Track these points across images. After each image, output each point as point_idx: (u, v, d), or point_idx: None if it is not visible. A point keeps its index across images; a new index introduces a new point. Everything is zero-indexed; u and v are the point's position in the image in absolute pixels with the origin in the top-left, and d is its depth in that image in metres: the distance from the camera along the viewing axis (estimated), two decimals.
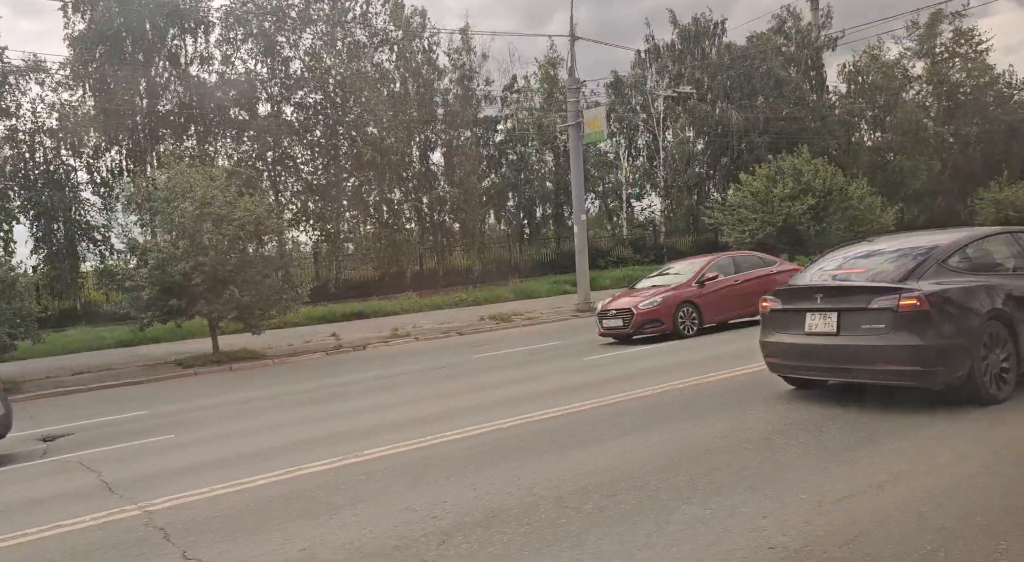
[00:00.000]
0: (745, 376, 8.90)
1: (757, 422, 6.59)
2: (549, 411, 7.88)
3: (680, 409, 7.40)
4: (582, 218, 22.16)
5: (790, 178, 26.87)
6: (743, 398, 7.58)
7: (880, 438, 5.75)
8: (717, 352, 11.56)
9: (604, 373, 10.55)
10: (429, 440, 7.12)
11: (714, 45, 42.39)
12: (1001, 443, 5.39)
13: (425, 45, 33.35)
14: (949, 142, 54.26)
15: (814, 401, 7.24)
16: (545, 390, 9.43)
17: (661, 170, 42.16)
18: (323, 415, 9.47)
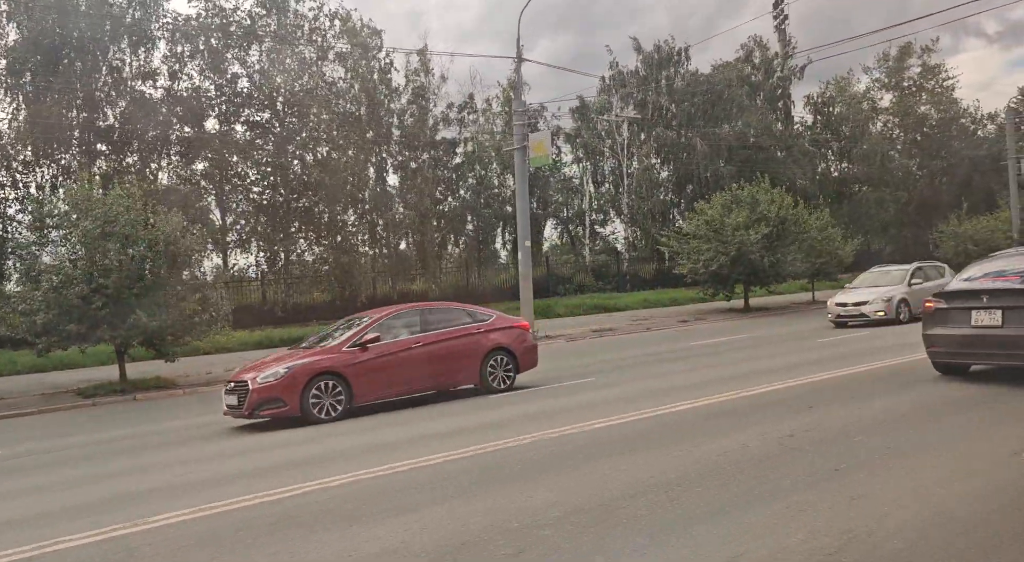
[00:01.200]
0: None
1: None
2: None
3: None
4: (526, 244, 21.45)
5: (746, 207, 26.43)
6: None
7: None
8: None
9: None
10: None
11: (678, 72, 42.26)
12: None
13: (380, 65, 32.79)
14: (915, 174, 54.66)
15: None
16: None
17: (625, 197, 41.76)
18: (170, 461, 8.41)
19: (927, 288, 18.70)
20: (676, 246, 28.14)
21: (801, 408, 7.78)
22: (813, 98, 50.42)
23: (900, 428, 6.53)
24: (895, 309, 18.95)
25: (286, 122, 29.20)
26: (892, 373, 10.15)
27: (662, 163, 44.12)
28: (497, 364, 11.66)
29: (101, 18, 24.50)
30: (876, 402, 7.91)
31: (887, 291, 19.39)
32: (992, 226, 36.46)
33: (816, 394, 8.69)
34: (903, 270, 20.81)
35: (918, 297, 18.50)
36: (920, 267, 21.08)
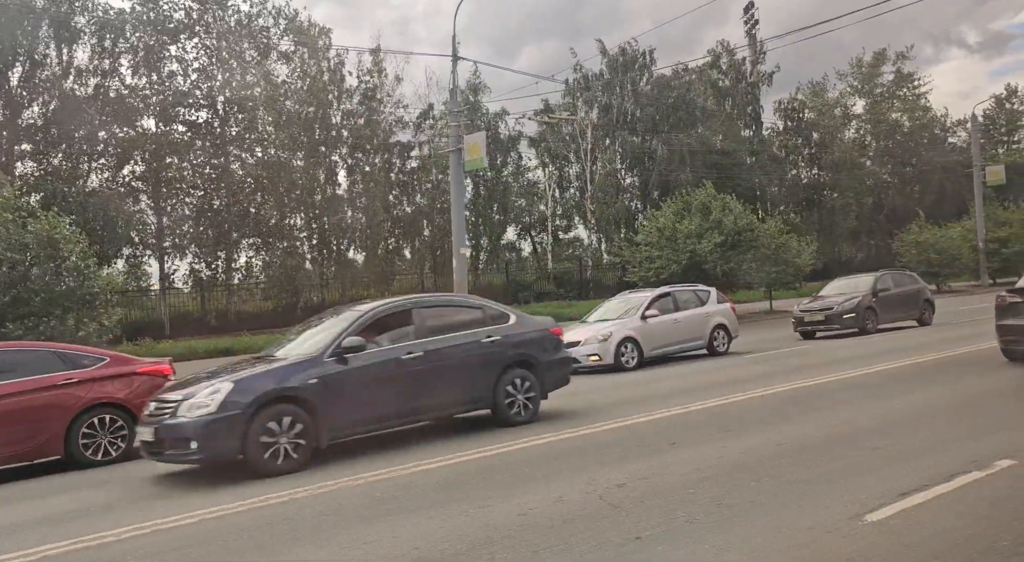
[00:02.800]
0: None
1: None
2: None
3: None
4: (462, 251, 20.44)
5: (698, 214, 25.57)
6: None
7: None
8: None
9: None
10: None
11: (641, 76, 41.42)
12: None
13: (330, 65, 31.74)
14: (886, 182, 54.14)
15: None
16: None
17: (589, 202, 40.85)
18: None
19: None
20: (628, 254, 27.25)
21: (661, 446, 6.77)
22: (783, 103, 49.73)
23: (753, 475, 5.55)
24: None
25: (227, 122, 28.06)
26: (795, 396, 9.14)
27: (627, 169, 43.29)
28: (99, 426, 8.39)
29: (20, 9, 23.26)
30: (751, 437, 6.87)
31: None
32: (958, 234, 35.85)
33: (687, 428, 7.67)
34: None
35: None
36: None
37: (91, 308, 14.32)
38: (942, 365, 11.16)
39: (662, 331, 14.45)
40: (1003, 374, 9.70)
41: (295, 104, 31.15)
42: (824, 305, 18.07)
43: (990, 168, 37.04)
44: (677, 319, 14.77)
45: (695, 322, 15.06)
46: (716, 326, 15.24)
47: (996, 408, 7.65)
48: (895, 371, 10.77)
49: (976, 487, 4.91)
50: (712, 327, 15.18)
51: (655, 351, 14.35)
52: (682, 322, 14.83)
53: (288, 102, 30.91)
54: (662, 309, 14.79)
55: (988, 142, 64.66)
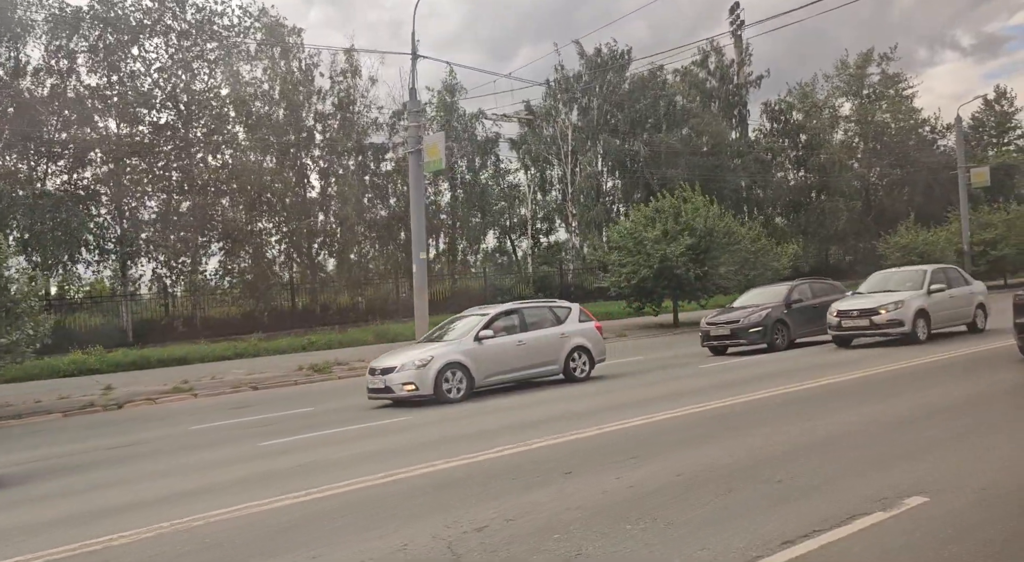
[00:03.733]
0: None
1: None
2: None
3: None
4: (422, 256, 19.74)
5: (669, 218, 24.95)
6: None
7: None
8: None
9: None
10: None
11: (620, 76, 40.82)
12: None
13: (302, 65, 31.12)
14: (874, 184, 53.59)
15: None
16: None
17: (570, 204, 40.25)
18: None
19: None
20: (603, 257, 26.65)
21: (554, 476, 6.10)
22: (771, 105, 49.13)
23: (624, 519, 4.89)
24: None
25: (192, 123, 27.39)
26: (659, 429, 8.11)
27: (610, 171, 42.72)
28: None
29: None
30: (593, 479, 5.97)
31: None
32: (944, 237, 35.28)
33: (580, 456, 6.95)
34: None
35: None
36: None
37: (15, 317, 13.61)
38: (859, 385, 10.18)
39: (501, 355, 12.51)
40: (924, 396, 8.85)
41: (265, 105, 30.53)
42: (730, 318, 16.12)
43: (975, 170, 36.50)
44: (522, 341, 12.79)
45: (547, 344, 13.10)
46: (575, 348, 13.28)
47: (912, 434, 6.91)
48: (801, 393, 9.81)
49: (875, 532, 4.26)
50: (570, 349, 13.23)
51: (491, 378, 12.48)
52: (529, 344, 12.85)
53: (258, 103, 30.30)
54: (507, 329, 12.88)
55: (978, 144, 64.29)
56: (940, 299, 15.18)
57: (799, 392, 9.96)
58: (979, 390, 9.09)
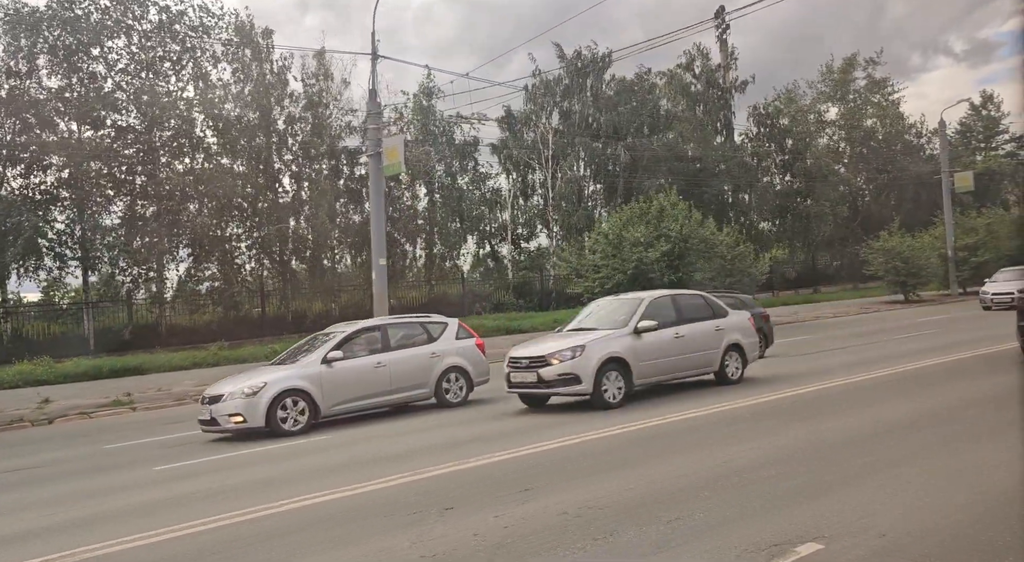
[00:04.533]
0: None
1: None
2: None
3: None
4: (381, 262, 19.16)
5: (652, 222, 24.41)
6: None
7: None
8: None
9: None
10: None
11: (600, 80, 40.33)
12: None
13: (273, 67, 30.54)
14: (861, 189, 53.17)
15: None
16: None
17: (551, 210, 39.71)
18: None
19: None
20: (575, 263, 26.09)
21: (406, 519, 5.46)
22: (757, 109, 48.65)
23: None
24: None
25: (156, 126, 26.74)
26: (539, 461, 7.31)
27: (592, 175, 42.19)
28: None
29: None
30: (521, 506, 5.42)
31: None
32: (927, 242, 34.78)
33: (444, 493, 6.22)
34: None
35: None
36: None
37: None
38: (726, 420, 8.98)
39: (355, 379, 11.15)
40: (809, 429, 7.94)
41: (236, 107, 29.93)
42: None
43: (958, 174, 36.04)
44: (382, 362, 11.41)
45: (415, 365, 11.73)
46: (449, 369, 11.99)
47: (806, 470, 6.30)
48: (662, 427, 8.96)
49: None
50: (443, 371, 11.91)
51: (343, 406, 11.08)
52: (392, 366, 11.48)
53: (228, 106, 29.71)
54: (368, 347, 11.56)
55: (966, 149, 63.99)
56: (654, 340, 11.01)
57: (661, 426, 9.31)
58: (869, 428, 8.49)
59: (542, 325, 29.80)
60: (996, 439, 6.67)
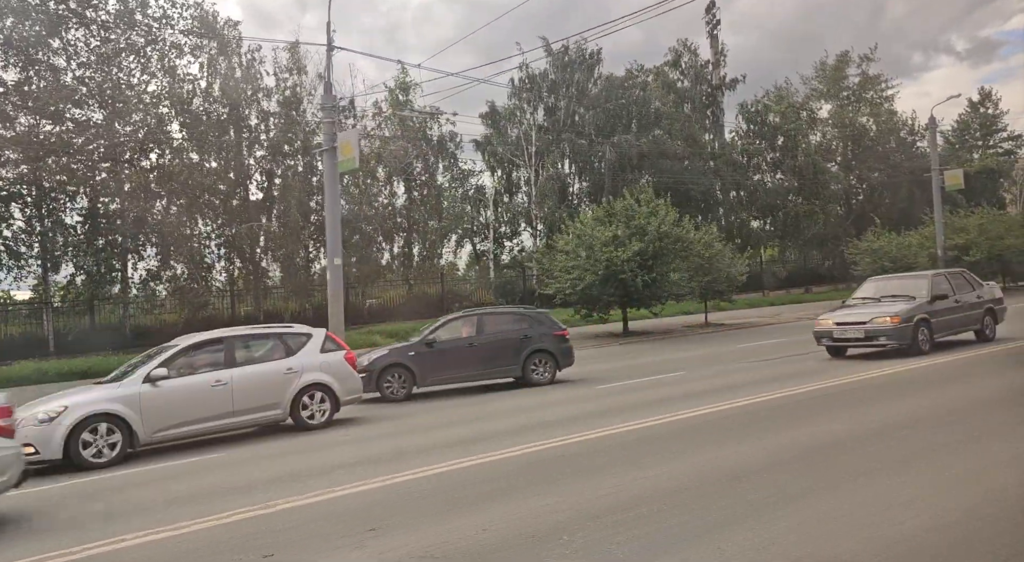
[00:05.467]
0: None
1: None
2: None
3: None
4: (336, 262, 18.39)
5: (622, 220, 23.64)
6: None
7: None
8: None
9: None
10: None
11: (589, 76, 39.51)
12: None
13: (243, 61, 29.77)
14: (854, 187, 52.26)
15: None
16: None
17: (534, 208, 38.93)
18: None
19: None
20: (547, 264, 25.32)
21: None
22: (747, 106, 47.78)
23: None
24: None
25: (119, 121, 25.94)
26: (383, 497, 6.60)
27: (578, 173, 41.40)
28: None
29: None
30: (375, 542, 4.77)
31: None
32: (917, 242, 33.95)
33: (281, 537, 5.50)
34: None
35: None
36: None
37: None
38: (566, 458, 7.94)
39: (186, 400, 9.86)
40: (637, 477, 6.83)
41: (205, 102, 29.17)
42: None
43: (948, 172, 35.15)
44: (222, 380, 10.11)
45: (265, 382, 10.48)
46: (309, 386, 10.81)
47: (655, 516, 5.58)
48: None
49: None
50: (300, 389, 10.72)
51: (169, 432, 9.82)
52: (235, 384, 10.17)
53: (197, 101, 28.96)
54: (209, 363, 10.31)
55: (963, 147, 63.06)
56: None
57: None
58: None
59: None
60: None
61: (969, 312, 15.19)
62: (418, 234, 35.58)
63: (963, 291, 15.32)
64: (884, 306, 14.48)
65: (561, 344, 14.59)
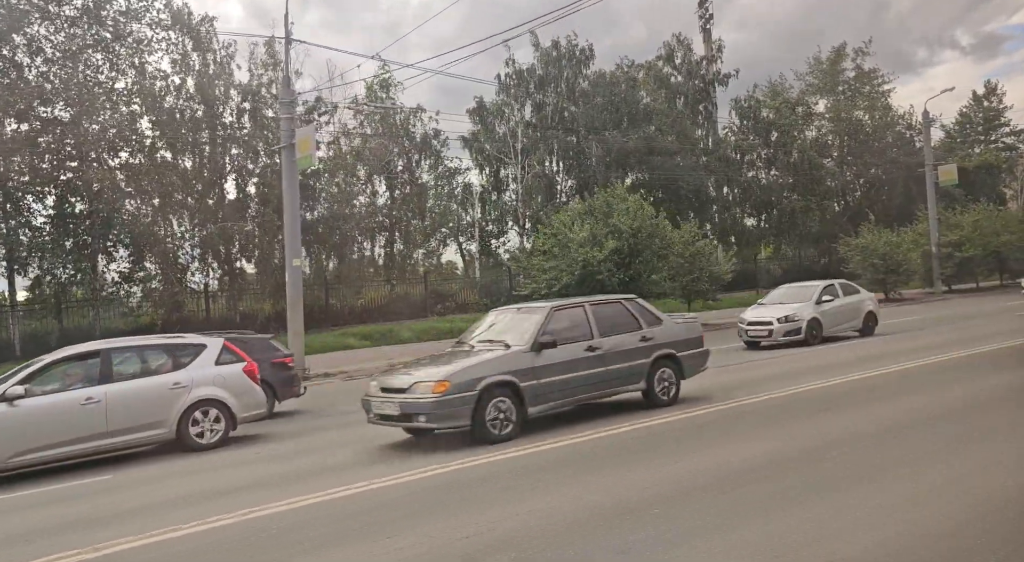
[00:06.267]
0: None
1: None
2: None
3: None
4: (295, 264, 17.75)
5: (599, 218, 22.96)
6: None
7: None
8: None
9: None
10: None
11: (578, 72, 38.78)
12: None
13: (218, 57, 29.18)
14: (850, 183, 51.36)
15: None
16: None
17: (521, 206, 38.28)
18: None
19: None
20: (525, 263, 24.68)
21: None
22: (740, 101, 46.91)
23: None
24: None
25: (85, 118, 25.35)
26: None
27: (566, 170, 40.69)
28: None
29: None
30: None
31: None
32: (910, 239, 33.14)
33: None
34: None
35: None
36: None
37: None
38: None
39: (46, 420, 8.94)
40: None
41: (178, 100, 28.60)
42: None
43: (942, 168, 34.32)
44: (93, 397, 9.20)
45: (144, 399, 9.49)
46: (199, 403, 9.75)
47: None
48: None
49: None
50: (188, 405, 9.69)
51: (28, 457, 8.92)
52: (107, 402, 9.21)
53: (170, 98, 28.39)
54: (81, 379, 9.37)
55: (964, 141, 62.06)
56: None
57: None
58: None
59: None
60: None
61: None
62: (401, 233, 34.96)
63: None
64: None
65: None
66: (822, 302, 17.71)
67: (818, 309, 17.44)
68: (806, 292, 18.18)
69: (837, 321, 17.86)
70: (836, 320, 17.81)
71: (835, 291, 18.32)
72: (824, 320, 17.44)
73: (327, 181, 32.35)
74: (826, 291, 18.09)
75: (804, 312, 17.25)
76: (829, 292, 18.13)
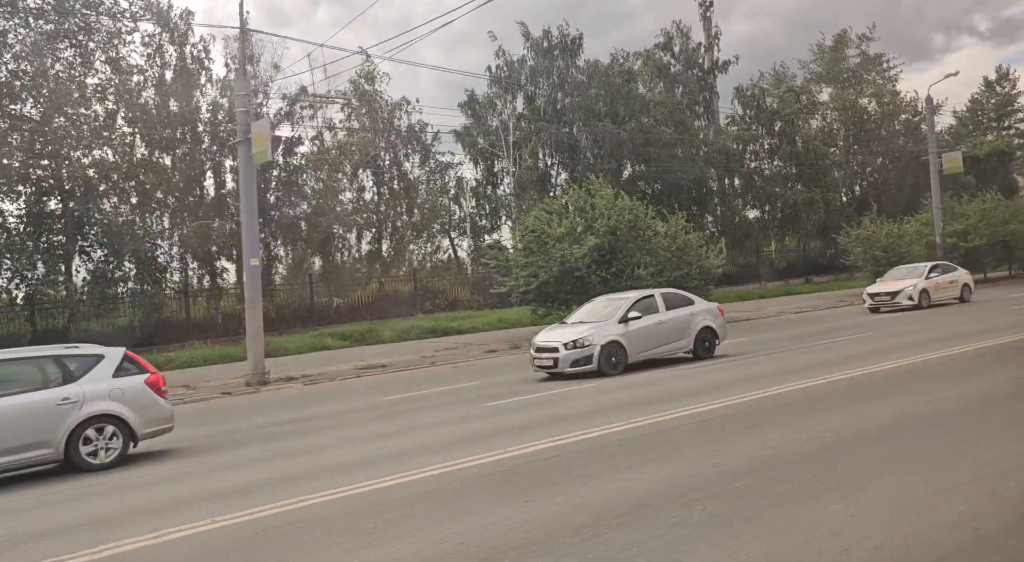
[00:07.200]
0: None
1: None
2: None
3: None
4: (253, 263, 16.99)
5: (576, 214, 22.05)
6: None
7: None
8: None
9: None
10: None
11: (570, 63, 37.76)
12: None
13: (194, 51, 28.49)
14: (857, 173, 50.00)
15: None
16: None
17: (514, 199, 37.36)
18: None
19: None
20: (503, 261, 23.81)
21: None
22: (743, 90, 45.62)
23: None
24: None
25: (56, 114, 24.76)
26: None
27: (562, 163, 39.72)
28: None
29: None
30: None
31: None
32: (914, 229, 31.95)
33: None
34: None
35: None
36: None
37: None
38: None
39: None
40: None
41: (157, 95, 27.94)
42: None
43: (946, 155, 33.06)
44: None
45: (28, 417, 8.67)
46: (92, 419, 8.93)
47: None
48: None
49: None
50: (79, 422, 8.85)
51: None
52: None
53: (146, 93, 27.74)
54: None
55: (976, 128, 60.38)
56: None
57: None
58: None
59: (484, 326, 27.57)
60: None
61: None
62: (388, 229, 34.21)
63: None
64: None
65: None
66: (628, 320, 14.30)
67: (622, 329, 14.15)
68: (613, 307, 14.95)
69: (652, 343, 14.57)
70: (650, 342, 14.52)
71: (651, 305, 14.87)
72: (629, 343, 14.15)
73: (311, 176, 31.62)
74: (636, 306, 14.65)
75: (599, 335, 13.90)
76: (641, 307, 14.67)
